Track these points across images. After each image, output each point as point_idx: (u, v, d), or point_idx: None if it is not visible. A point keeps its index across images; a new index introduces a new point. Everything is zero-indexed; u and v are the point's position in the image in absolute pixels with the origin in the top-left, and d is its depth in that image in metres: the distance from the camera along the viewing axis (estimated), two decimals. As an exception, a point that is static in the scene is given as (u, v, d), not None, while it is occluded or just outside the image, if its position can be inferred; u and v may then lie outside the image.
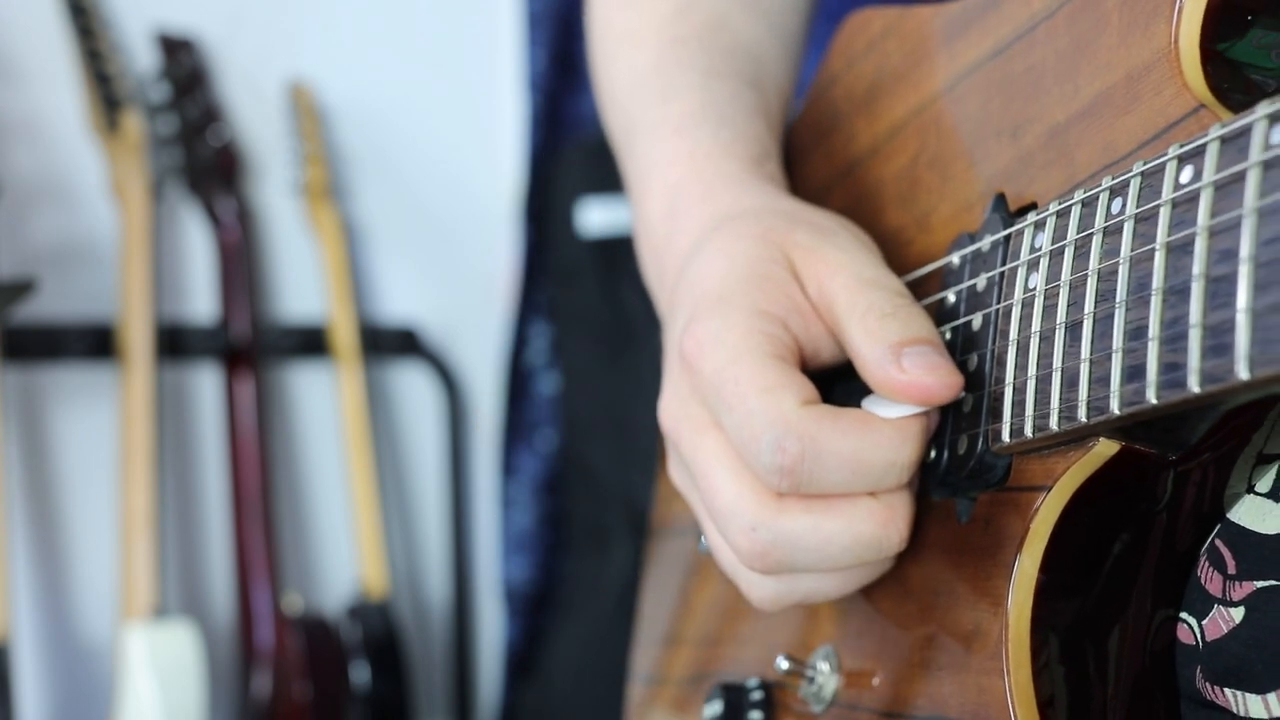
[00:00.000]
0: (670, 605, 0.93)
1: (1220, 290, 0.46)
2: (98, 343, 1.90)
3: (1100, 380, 0.53)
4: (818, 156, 0.86)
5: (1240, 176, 0.46)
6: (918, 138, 0.74)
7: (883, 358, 0.61)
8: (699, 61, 0.85)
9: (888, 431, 0.60)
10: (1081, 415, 0.54)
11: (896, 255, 0.73)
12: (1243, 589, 0.58)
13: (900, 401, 0.61)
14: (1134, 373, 0.51)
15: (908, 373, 0.60)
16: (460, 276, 2.29)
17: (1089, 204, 0.56)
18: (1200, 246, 0.48)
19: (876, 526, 0.61)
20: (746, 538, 0.62)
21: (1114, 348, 0.52)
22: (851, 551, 0.62)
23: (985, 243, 0.64)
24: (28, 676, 1.88)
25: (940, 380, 0.60)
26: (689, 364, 0.66)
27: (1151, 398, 0.50)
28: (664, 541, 0.96)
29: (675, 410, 0.68)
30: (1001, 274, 0.62)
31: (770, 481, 0.61)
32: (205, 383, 2.04)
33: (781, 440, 0.60)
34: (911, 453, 0.61)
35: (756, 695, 0.74)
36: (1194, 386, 0.47)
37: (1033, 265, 0.59)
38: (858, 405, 0.63)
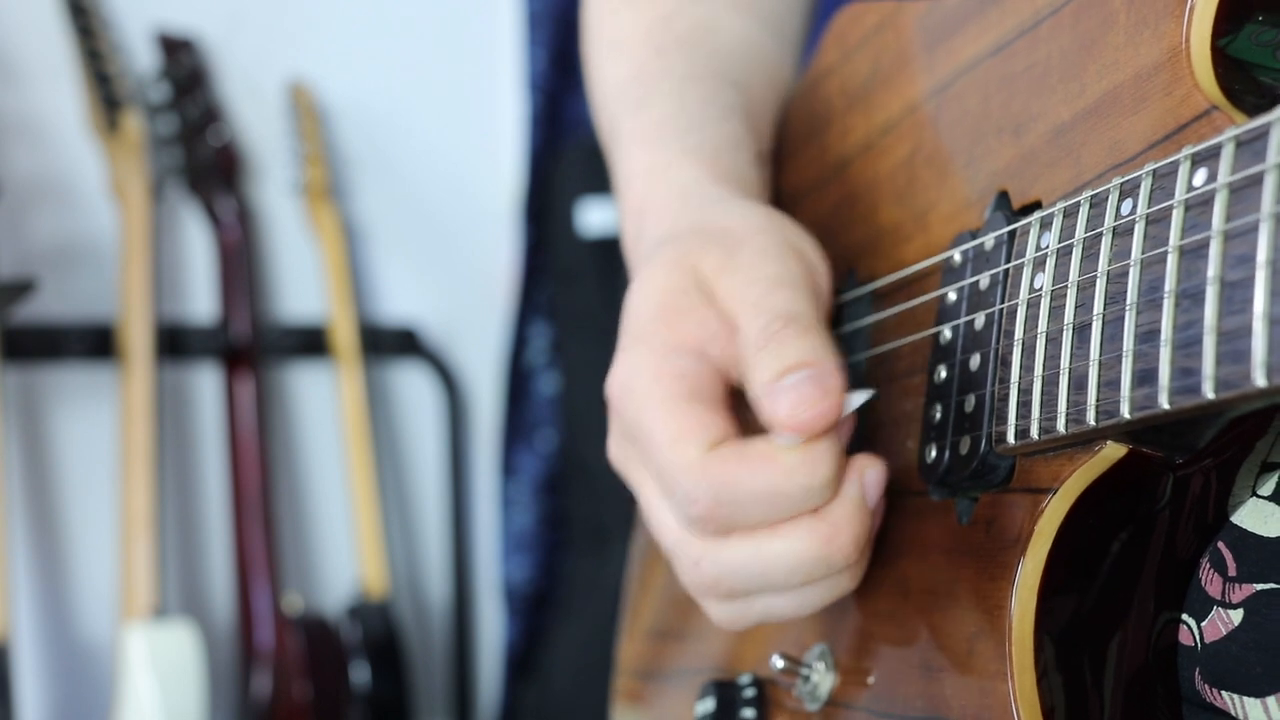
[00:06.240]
0: (657, 598, 0.92)
1: (1236, 295, 0.46)
2: (98, 343, 1.90)
3: (1109, 384, 0.52)
4: (811, 151, 0.85)
5: (1257, 180, 0.45)
6: (914, 134, 0.73)
7: (762, 396, 0.61)
8: (677, 68, 0.84)
9: (794, 460, 0.60)
10: (1090, 419, 0.53)
11: (895, 251, 0.72)
12: (1242, 591, 0.57)
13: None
14: (1145, 377, 0.50)
15: (782, 409, 0.59)
16: (460, 276, 2.29)
17: (1097, 204, 0.55)
18: (1215, 250, 0.47)
19: (819, 545, 0.61)
20: (695, 572, 0.64)
21: (1124, 351, 0.51)
22: (798, 572, 0.62)
23: (988, 240, 0.63)
24: (28, 676, 1.87)
25: (814, 412, 0.59)
26: (613, 407, 0.67)
27: (1164, 403, 0.49)
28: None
29: (616, 452, 0.69)
30: (1005, 272, 0.61)
31: (694, 531, 0.62)
32: (205, 383, 2.04)
33: (691, 492, 0.60)
34: (826, 472, 0.60)
35: (749, 693, 0.74)
36: (1208, 392, 0.47)
37: (1039, 265, 0.58)
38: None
